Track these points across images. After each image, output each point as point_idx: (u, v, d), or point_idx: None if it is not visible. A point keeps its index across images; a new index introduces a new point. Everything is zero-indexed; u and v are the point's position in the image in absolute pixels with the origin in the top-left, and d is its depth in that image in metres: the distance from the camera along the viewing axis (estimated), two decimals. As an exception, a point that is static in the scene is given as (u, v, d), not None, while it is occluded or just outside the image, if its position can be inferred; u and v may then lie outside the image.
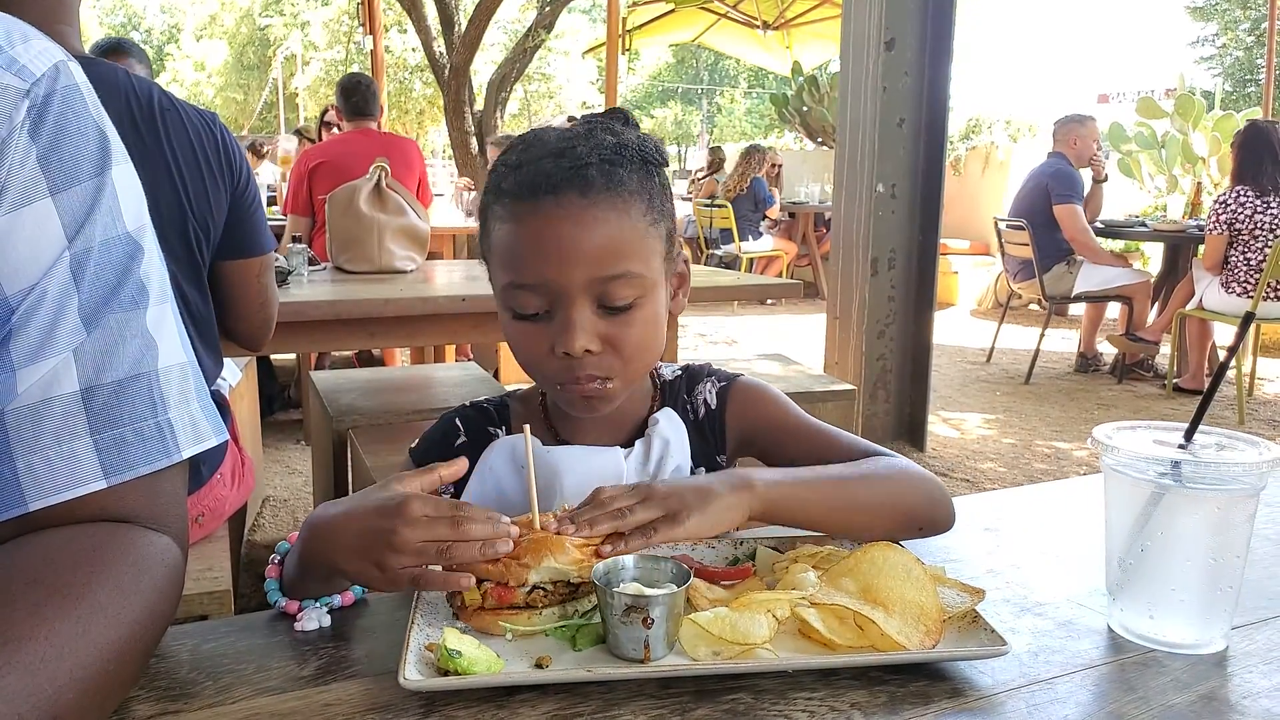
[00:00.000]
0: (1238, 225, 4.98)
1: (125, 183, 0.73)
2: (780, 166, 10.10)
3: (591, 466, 0.99)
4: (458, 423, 1.07)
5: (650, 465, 1.02)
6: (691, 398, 1.09)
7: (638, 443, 1.03)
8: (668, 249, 0.98)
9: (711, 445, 1.07)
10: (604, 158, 0.92)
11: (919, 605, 0.71)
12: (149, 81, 1.78)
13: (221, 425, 0.76)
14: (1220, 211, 5.04)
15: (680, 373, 1.11)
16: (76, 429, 0.67)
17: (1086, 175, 5.84)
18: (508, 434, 1.07)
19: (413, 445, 1.09)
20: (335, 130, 5.66)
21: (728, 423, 1.07)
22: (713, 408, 1.08)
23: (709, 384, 1.09)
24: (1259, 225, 4.93)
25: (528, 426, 0.86)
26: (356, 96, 4.38)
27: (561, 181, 0.90)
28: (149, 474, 0.70)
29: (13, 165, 0.65)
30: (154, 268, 0.74)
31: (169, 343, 0.73)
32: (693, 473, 1.05)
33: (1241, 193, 5.00)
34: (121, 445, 0.69)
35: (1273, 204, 4.96)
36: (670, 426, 1.04)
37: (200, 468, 1.79)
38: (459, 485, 1.02)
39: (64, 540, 0.66)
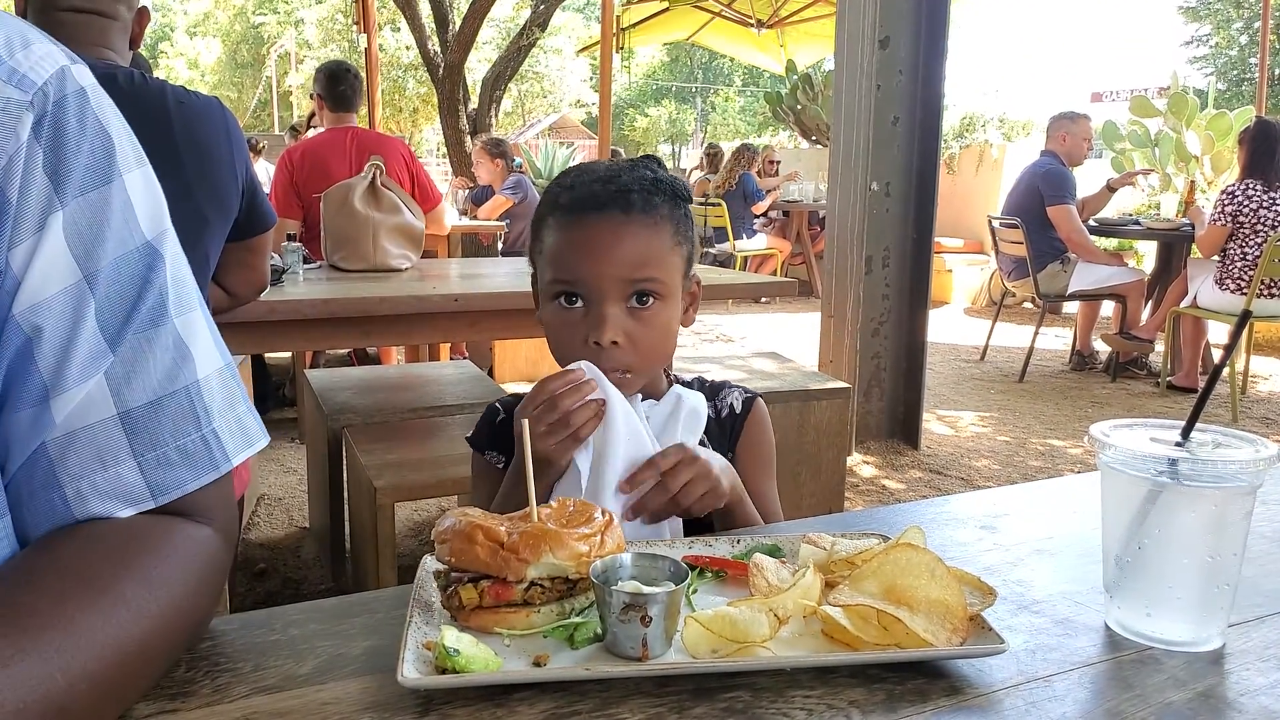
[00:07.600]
0: (1241, 217, 5.01)
1: (140, 188, 0.70)
2: (779, 164, 10.12)
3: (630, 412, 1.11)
4: (497, 405, 1.23)
5: (668, 413, 1.15)
6: (717, 400, 1.23)
7: (657, 401, 1.16)
8: (686, 269, 1.15)
9: (727, 441, 1.22)
10: (644, 187, 1.10)
11: (944, 603, 0.71)
12: (160, 80, 1.83)
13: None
14: (1227, 202, 5.06)
15: (696, 380, 1.25)
16: (119, 453, 0.66)
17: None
18: None
19: (468, 435, 1.24)
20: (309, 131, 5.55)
21: (745, 428, 1.22)
22: (737, 412, 1.23)
23: (736, 392, 1.24)
24: (1261, 220, 4.96)
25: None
26: (344, 85, 4.09)
27: (608, 201, 1.08)
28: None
29: (25, 184, 0.63)
30: (179, 273, 0.71)
31: (204, 348, 0.72)
32: (707, 433, 1.17)
33: (1250, 185, 5.03)
34: (167, 465, 0.68)
35: (1279, 200, 4.98)
36: (684, 391, 1.18)
37: None
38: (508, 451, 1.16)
39: (102, 532, 0.66)
